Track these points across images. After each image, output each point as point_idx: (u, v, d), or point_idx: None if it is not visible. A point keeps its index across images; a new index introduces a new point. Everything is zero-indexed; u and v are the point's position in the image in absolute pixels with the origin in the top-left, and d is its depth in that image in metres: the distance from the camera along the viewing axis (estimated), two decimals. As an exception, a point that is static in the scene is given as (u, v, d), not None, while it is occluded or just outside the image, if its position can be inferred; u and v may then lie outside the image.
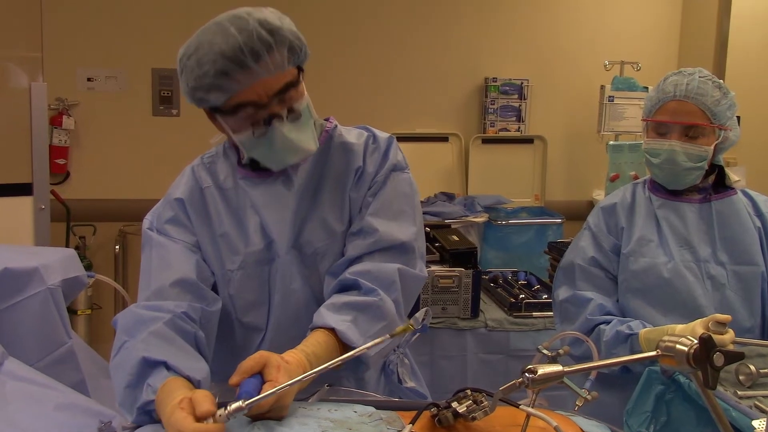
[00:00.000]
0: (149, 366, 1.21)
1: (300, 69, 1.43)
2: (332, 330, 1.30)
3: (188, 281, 1.42)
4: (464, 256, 3.02)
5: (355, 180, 1.51)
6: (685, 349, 1.03)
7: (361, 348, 1.17)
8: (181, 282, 1.41)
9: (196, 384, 1.21)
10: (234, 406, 1.03)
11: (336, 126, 1.57)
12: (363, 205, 1.49)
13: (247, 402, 1.04)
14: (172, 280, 1.41)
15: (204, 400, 1.05)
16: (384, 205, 1.48)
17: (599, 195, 4.49)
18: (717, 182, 1.92)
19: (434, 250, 3.15)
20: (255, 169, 1.51)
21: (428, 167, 4.41)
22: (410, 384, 1.60)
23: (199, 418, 1.03)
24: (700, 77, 1.82)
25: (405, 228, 1.48)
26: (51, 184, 3.69)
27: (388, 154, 1.52)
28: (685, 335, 1.06)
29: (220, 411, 1.03)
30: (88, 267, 3.76)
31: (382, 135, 1.56)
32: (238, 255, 1.48)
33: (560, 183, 4.69)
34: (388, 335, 1.16)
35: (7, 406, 1.37)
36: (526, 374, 1.03)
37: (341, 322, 1.31)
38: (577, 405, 1.37)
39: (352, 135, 1.56)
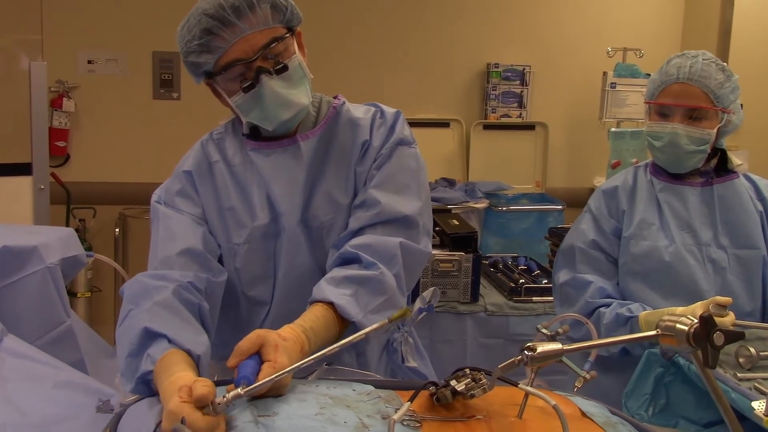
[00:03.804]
0: (151, 337, 1.21)
1: (291, 30, 1.44)
2: (331, 304, 1.30)
3: (195, 251, 1.43)
4: (464, 241, 3.02)
5: (361, 154, 1.50)
6: (685, 328, 1.03)
7: (359, 334, 1.15)
8: (187, 252, 1.42)
9: (195, 359, 1.20)
10: (232, 393, 1.01)
11: (344, 102, 1.57)
12: (368, 178, 1.49)
13: (245, 390, 1.02)
14: (179, 250, 1.41)
15: (204, 386, 1.02)
16: (388, 178, 1.48)
17: (600, 182, 4.47)
18: (719, 166, 1.91)
19: (435, 235, 3.15)
20: (259, 138, 1.51)
21: (429, 153, 4.34)
22: (412, 364, 1.59)
23: (195, 402, 1.00)
24: (703, 60, 1.81)
25: (409, 202, 1.47)
26: (51, 166, 3.68)
27: (395, 128, 1.52)
28: (685, 315, 1.06)
29: (219, 399, 1.01)
30: (88, 250, 3.75)
31: (390, 110, 1.56)
32: (245, 228, 1.49)
33: (561, 170, 4.68)
34: (386, 320, 1.15)
35: (6, 384, 1.37)
36: (526, 352, 1.03)
37: (341, 296, 1.30)
38: (576, 386, 1.36)
39: (360, 111, 1.56)
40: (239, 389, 1.02)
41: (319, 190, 1.50)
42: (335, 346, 1.12)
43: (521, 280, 3.19)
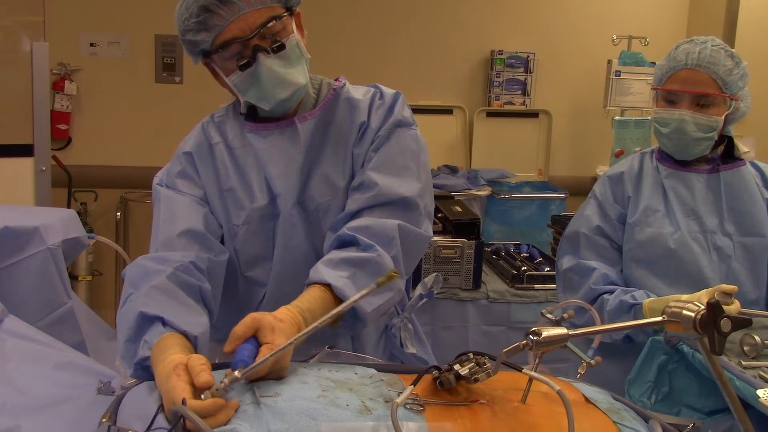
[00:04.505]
0: (147, 321, 1.21)
1: (289, 10, 1.44)
2: (328, 286, 1.28)
3: (195, 231, 1.43)
4: (467, 227, 3.01)
5: (359, 136, 1.49)
6: (692, 314, 1.02)
7: (349, 301, 1.14)
8: (188, 232, 1.42)
9: (192, 340, 1.20)
10: (230, 377, 1.01)
11: (344, 84, 1.56)
12: (365, 160, 1.48)
13: (243, 372, 1.01)
14: (180, 231, 1.41)
15: (201, 369, 1.02)
16: (386, 160, 1.46)
17: (603, 171, 4.45)
18: (726, 153, 1.90)
19: (437, 221, 3.14)
20: (257, 119, 1.51)
21: (432, 140, 4.30)
22: (412, 350, 1.58)
23: (197, 390, 1.00)
24: (712, 46, 1.79)
25: (408, 184, 1.45)
26: (52, 149, 3.67)
27: (393, 109, 1.50)
28: (692, 301, 1.05)
29: (217, 384, 1.00)
30: (89, 232, 3.74)
31: (389, 91, 1.54)
32: (244, 210, 1.48)
33: (564, 158, 4.66)
34: (374, 285, 1.13)
35: (7, 364, 1.36)
36: (531, 336, 1.02)
37: (338, 278, 1.29)
38: (579, 373, 1.36)
39: (359, 92, 1.55)
40: (236, 372, 1.01)
41: (316, 172, 1.48)
42: (331, 313, 1.10)
43: (523, 268, 3.18)
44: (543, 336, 1.01)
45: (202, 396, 0.99)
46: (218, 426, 0.97)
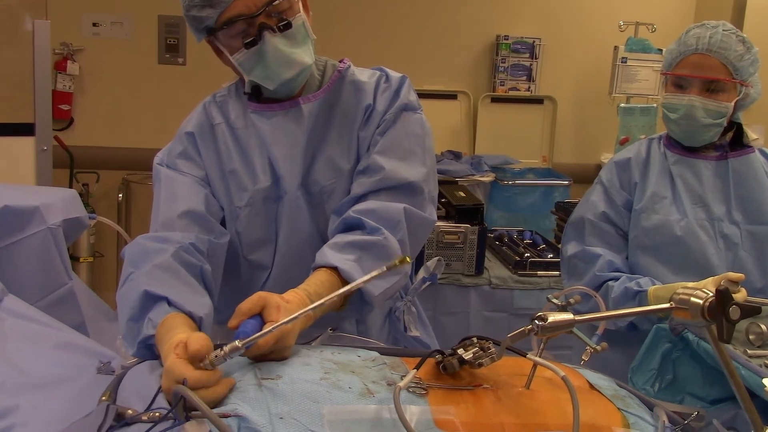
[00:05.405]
0: (151, 300, 1.20)
1: None
2: (335, 269, 1.28)
3: (196, 213, 1.41)
4: (470, 213, 3.00)
5: (364, 119, 1.48)
6: (700, 301, 1.01)
7: (358, 282, 1.13)
8: (189, 213, 1.40)
9: (197, 320, 1.19)
10: (230, 346, 1.00)
11: (349, 66, 1.54)
12: (371, 143, 1.46)
13: (243, 341, 1.00)
14: (180, 212, 1.40)
15: (197, 342, 1.01)
16: (392, 144, 1.45)
17: (608, 158, 4.43)
18: (734, 140, 1.87)
19: (440, 206, 3.12)
20: (261, 100, 1.49)
21: (436, 125, 4.27)
22: (415, 333, 1.58)
23: (190, 359, 0.99)
24: (723, 30, 1.77)
25: (413, 168, 1.44)
26: (54, 130, 3.65)
27: (400, 93, 1.49)
28: (700, 288, 1.03)
29: (216, 352, 0.99)
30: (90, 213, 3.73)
31: (395, 74, 1.53)
32: (246, 192, 1.47)
33: (569, 145, 4.64)
34: (384, 267, 1.12)
35: (6, 344, 1.36)
36: (536, 321, 1.01)
37: (345, 261, 1.28)
38: (583, 360, 1.35)
39: (365, 74, 1.53)
40: (237, 342, 1.00)
41: (321, 154, 1.47)
42: (337, 292, 1.09)
43: (526, 254, 3.17)
44: (549, 321, 1.00)
45: (202, 364, 0.98)
46: (216, 399, 0.97)
